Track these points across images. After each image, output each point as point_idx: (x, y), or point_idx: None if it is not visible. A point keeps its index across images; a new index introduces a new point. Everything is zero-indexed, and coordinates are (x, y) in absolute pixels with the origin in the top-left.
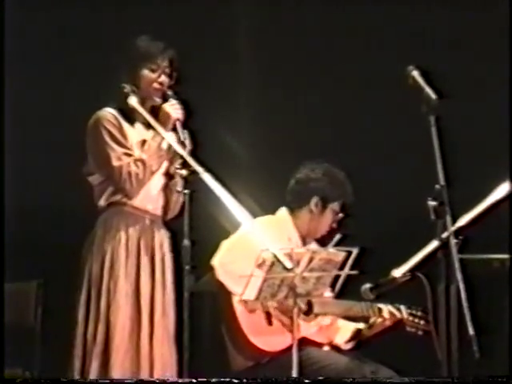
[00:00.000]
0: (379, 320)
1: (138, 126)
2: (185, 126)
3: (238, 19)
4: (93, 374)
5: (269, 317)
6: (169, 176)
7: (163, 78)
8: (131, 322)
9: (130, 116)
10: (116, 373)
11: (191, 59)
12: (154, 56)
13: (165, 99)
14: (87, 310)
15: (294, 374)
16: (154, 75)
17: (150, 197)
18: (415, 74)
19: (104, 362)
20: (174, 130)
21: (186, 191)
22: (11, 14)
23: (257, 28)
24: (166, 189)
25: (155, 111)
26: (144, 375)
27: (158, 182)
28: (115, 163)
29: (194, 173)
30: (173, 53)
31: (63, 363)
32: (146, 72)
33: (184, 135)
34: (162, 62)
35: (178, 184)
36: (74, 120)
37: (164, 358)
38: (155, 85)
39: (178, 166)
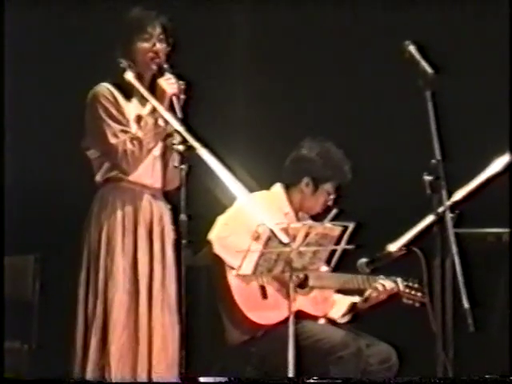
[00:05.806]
0: (375, 293)
1: (135, 100)
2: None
3: None
4: (92, 348)
5: (263, 290)
6: (167, 151)
7: (158, 46)
8: (129, 297)
9: (126, 91)
10: (113, 348)
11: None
12: (144, 25)
13: (160, 73)
14: (87, 287)
15: (290, 347)
16: (147, 44)
17: (148, 171)
18: (411, 48)
19: (103, 337)
20: (172, 105)
21: (182, 166)
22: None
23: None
24: (165, 162)
25: (155, 84)
26: (143, 351)
27: (156, 156)
28: (112, 140)
29: (191, 148)
30: (165, 19)
31: (60, 336)
32: (139, 43)
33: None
34: (154, 29)
35: (176, 159)
36: (72, 96)
37: (164, 329)
38: (150, 54)
39: (175, 142)
